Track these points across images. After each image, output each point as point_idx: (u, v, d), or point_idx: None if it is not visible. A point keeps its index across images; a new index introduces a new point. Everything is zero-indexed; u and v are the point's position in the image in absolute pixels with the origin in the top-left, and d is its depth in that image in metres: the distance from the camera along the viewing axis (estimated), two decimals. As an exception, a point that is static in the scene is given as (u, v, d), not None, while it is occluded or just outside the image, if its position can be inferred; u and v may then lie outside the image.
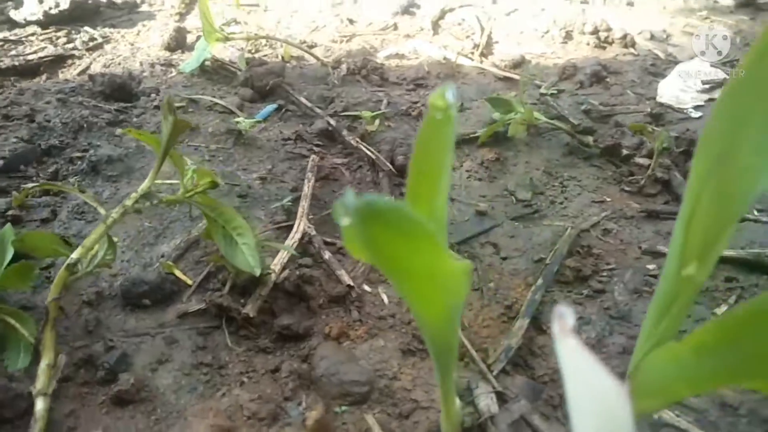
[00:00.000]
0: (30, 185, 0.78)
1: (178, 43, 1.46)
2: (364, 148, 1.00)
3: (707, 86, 1.27)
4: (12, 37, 1.51)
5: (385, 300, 0.73)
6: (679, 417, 0.59)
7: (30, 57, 1.39)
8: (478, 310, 0.72)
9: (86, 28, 1.58)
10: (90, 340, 0.67)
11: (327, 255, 0.77)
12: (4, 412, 0.58)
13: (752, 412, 0.58)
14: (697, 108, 1.22)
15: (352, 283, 0.73)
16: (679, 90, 1.27)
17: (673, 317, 0.42)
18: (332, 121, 1.06)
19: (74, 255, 0.64)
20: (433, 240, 0.35)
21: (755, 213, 0.88)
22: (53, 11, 1.58)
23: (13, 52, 1.42)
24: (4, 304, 0.64)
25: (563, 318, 0.32)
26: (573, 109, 1.17)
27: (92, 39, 1.53)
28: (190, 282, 0.73)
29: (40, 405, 0.58)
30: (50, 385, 0.60)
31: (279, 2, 1.87)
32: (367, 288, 0.74)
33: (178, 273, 0.73)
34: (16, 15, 1.58)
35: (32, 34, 1.53)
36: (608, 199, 0.92)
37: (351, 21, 1.72)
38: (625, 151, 1.02)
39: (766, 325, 0.32)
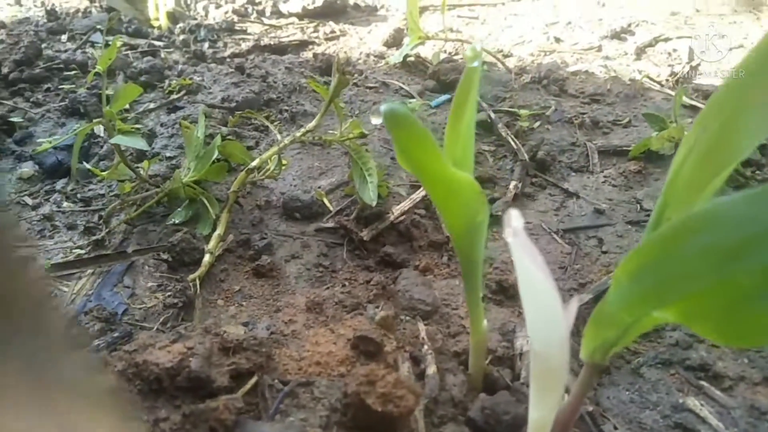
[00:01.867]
0: (239, 113, 1.06)
1: (395, 41, 1.70)
2: (511, 141, 1.11)
3: None
4: (275, 24, 1.91)
5: (477, 256, 0.84)
6: (702, 406, 0.61)
7: (283, 40, 1.75)
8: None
9: (330, 22, 1.92)
10: (252, 230, 0.90)
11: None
12: (184, 256, 0.83)
13: (778, 420, 0.58)
14: None
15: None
16: None
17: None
18: (492, 115, 1.19)
19: (253, 163, 0.87)
20: (434, 147, 0.47)
21: None
22: (309, 7, 1.95)
23: (272, 35, 1.80)
24: (204, 190, 0.90)
25: (512, 219, 0.44)
26: (746, 141, 1.12)
27: (332, 32, 1.86)
28: (331, 208, 0.93)
29: (206, 258, 0.82)
30: (217, 248, 0.84)
31: (496, 18, 2.03)
32: (465, 244, 0.86)
33: (325, 200, 0.94)
34: (282, 8, 1.99)
35: (290, 23, 1.92)
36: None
37: (557, 40, 1.80)
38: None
39: (669, 255, 0.39)
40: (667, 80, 1.48)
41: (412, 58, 1.53)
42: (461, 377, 0.64)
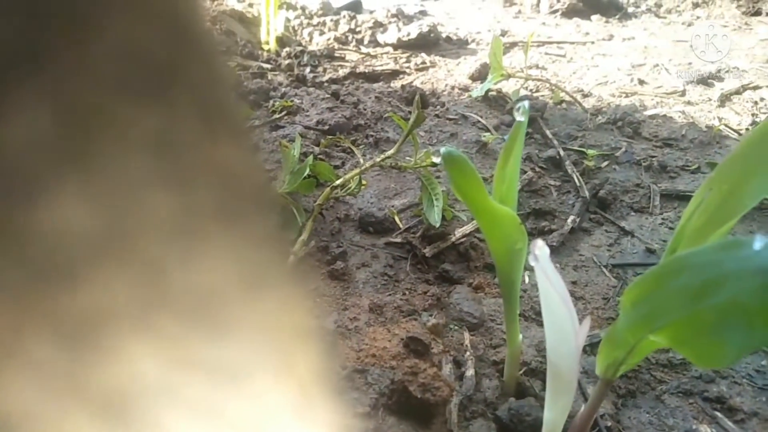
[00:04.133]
0: (331, 138, 1.20)
1: (481, 75, 1.81)
2: (576, 179, 1.19)
3: None
4: (372, 53, 2.07)
5: (527, 280, 0.93)
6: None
7: (377, 68, 1.91)
8: (591, 308, 0.87)
9: (422, 54, 2.06)
10: (331, 239, 1.04)
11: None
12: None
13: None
14: None
15: (505, 260, 0.95)
16: None
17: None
18: (562, 152, 1.27)
19: (337, 182, 1.01)
20: (480, 184, 0.58)
21: None
22: (404, 38, 2.10)
23: (368, 63, 1.96)
24: (295, 201, 1.05)
25: (536, 248, 0.54)
26: (815, 196, 1.14)
27: (423, 63, 1.99)
28: (401, 225, 1.05)
29: (290, 259, 0.96)
30: (300, 251, 0.98)
31: (584, 56, 2.09)
32: (517, 269, 0.96)
33: (396, 218, 1.06)
34: (380, 38, 2.15)
35: (385, 53, 2.07)
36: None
37: (641, 82, 1.84)
38: None
39: (658, 289, 0.48)
40: (747, 129, 1.50)
41: (493, 93, 1.63)
42: (495, 383, 0.74)
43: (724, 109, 1.64)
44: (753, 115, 1.58)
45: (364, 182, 1.04)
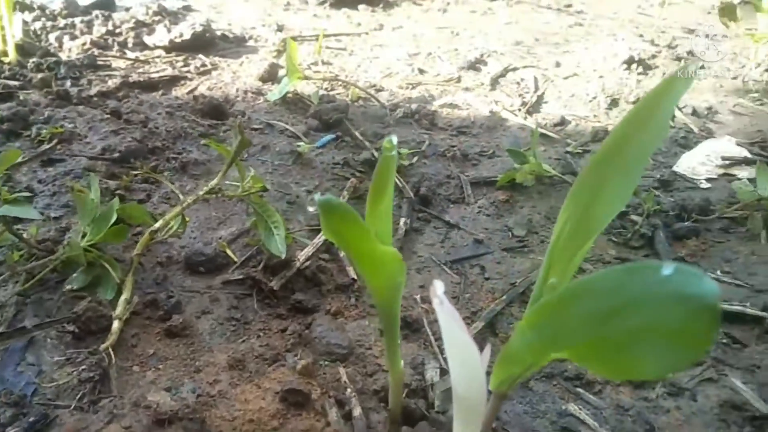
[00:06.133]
0: (134, 172, 1.05)
1: (270, 75, 1.74)
2: (397, 180, 1.21)
3: (726, 162, 1.39)
4: (142, 58, 1.86)
5: (380, 295, 0.92)
6: (581, 410, 0.74)
7: (153, 75, 1.71)
8: (449, 312, 0.90)
9: (200, 55, 1.91)
10: (157, 289, 0.90)
11: (342, 254, 0.97)
12: (91, 325, 0.82)
13: (639, 414, 0.73)
14: (709, 180, 1.33)
15: (356, 278, 0.93)
16: (698, 162, 1.39)
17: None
18: (376, 153, 1.28)
19: (156, 224, 0.88)
20: (364, 228, 0.54)
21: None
22: (177, 39, 1.92)
23: (141, 70, 1.75)
24: (103, 253, 0.89)
25: (437, 289, 0.51)
26: (589, 167, 1.32)
27: (204, 65, 1.85)
28: (236, 259, 0.96)
29: (115, 325, 0.81)
30: (125, 313, 0.83)
31: (362, 49, 2.13)
32: (368, 284, 0.94)
33: (228, 251, 0.96)
34: (147, 40, 1.93)
35: (158, 57, 1.88)
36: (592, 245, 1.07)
37: (421, 71, 1.95)
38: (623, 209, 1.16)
39: (561, 314, 0.49)
40: (519, 109, 1.68)
41: (290, 95, 1.58)
42: (383, 414, 0.71)
43: (495, 92, 1.82)
44: (520, 95, 1.78)
45: (187, 218, 0.92)
